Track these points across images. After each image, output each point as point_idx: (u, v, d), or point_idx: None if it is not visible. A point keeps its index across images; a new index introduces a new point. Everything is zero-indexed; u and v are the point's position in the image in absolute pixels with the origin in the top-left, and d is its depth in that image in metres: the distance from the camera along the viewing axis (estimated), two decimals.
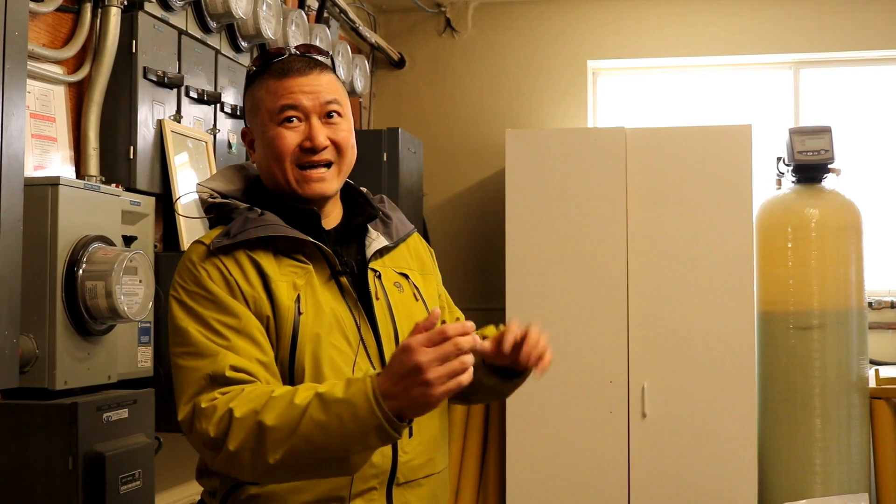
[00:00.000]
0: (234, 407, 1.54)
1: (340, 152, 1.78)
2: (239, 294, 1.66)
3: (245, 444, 1.53)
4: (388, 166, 4.35)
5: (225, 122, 3.47)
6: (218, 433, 1.54)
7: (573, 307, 4.41)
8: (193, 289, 1.67)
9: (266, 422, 1.51)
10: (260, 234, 1.69)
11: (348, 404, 1.48)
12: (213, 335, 1.62)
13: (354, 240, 1.82)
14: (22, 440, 2.26)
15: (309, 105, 1.75)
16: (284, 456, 1.51)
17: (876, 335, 4.79)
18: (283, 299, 1.66)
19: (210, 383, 1.59)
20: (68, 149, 2.80)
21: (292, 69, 1.76)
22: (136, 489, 2.40)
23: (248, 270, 1.68)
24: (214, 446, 1.55)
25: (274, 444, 1.51)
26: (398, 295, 1.80)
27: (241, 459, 1.54)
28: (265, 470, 1.54)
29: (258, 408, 1.53)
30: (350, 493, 1.66)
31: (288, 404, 1.52)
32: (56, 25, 2.78)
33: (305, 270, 1.71)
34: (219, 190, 1.81)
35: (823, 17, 5.02)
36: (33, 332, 2.29)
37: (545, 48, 5.28)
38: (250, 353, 1.62)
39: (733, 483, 4.28)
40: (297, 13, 3.88)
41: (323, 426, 1.49)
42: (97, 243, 2.40)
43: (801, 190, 4.51)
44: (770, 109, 5.18)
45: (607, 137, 4.50)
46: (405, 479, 1.72)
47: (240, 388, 1.57)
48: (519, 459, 4.43)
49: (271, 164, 1.76)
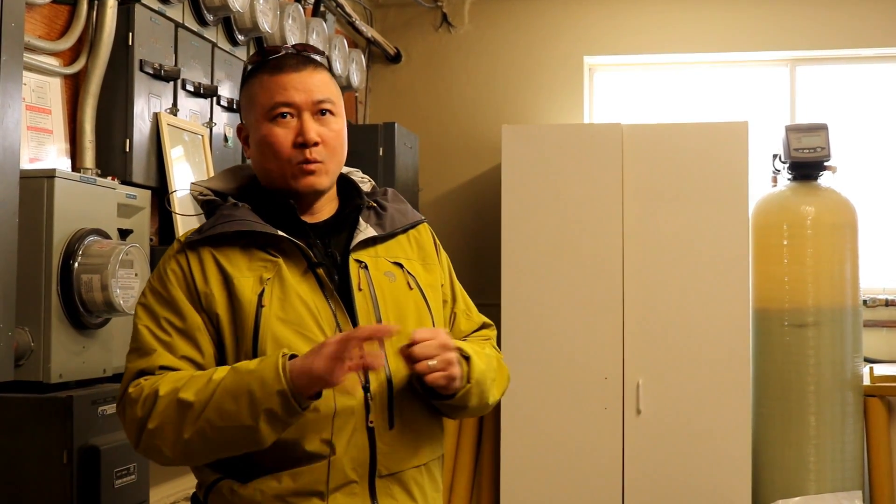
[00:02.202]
0: (158, 387, 1.64)
1: (330, 150, 1.78)
2: (193, 292, 1.73)
3: (165, 420, 1.62)
4: (384, 161, 4.35)
5: (221, 115, 3.47)
6: (144, 413, 1.63)
7: (568, 303, 4.41)
8: (157, 287, 1.76)
9: (185, 397, 1.61)
10: (225, 230, 1.74)
11: (258, 374, 1.58)
12: (159, 332, 1.71)
13: (346, 231, 1.83)
14: (16, 433, 2.25)
15: (301, 101, 1.76)
16: (198, 429, 1.60)
17: (870, 333, 4.79)
18: (246, 293, 1.70)
19: (137, 377, 1.69)
20: (64, 141, 2.79)
21: (287, 65, 1.78)
22: (131, 483, 2.40)
23: (208, 267, 1.73)
24: (140, 427, 1.64)
25: (191, 418, 1.60)
26: (388, 284, 1.80)
27: (162, 435, 1.62)
28: (182, 447, 1.62)
29: (179, 386, 1.63)
30: (328, 488, 1.66)
31: (206, 381, 1.62)
32: (52, 17, 2.77)
33: (275, 264, 1.73)
34: (212, 188, 1.84)
35: (820, 14, 5.03)
36: (28, 325, 2.29)
37: (542, 44, 5.27)
38: (188, 353, 1.70)
39: (727, 480, 4.28)
40: (294, 7, 3.87)
41: (233, 394, 1.58)
42: (93, 236, 2.40)
43: (796, 187, 4.52)
44: (766, 106, 5.19)
45: (603, 133, 4.50)
46: (388, 471, 1.71)
47: (163, 374, 1.67)
48: (513, 455, 4.43)
49: (264, 159, 1.78)
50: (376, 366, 1.59)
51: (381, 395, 1.72)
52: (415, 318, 1.80)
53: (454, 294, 1.97)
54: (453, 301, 1.96)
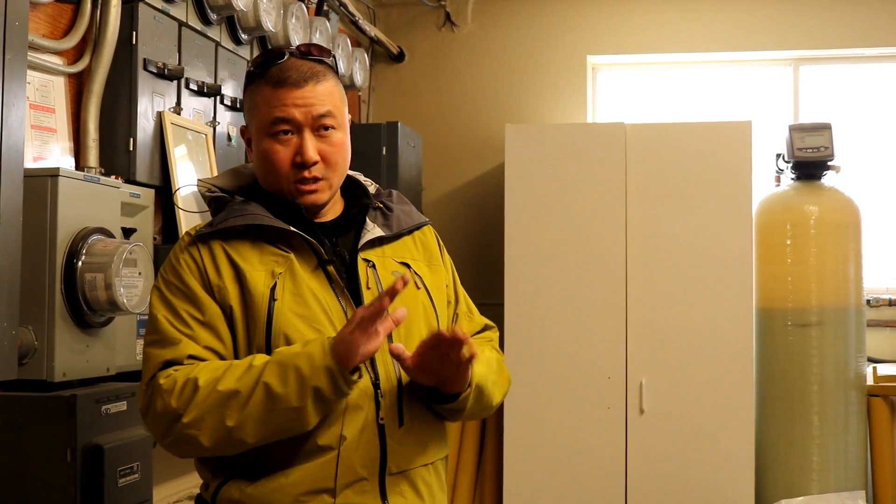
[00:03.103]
0: (197, 376, 1.63)
1: (331, 167, 1.78)
2: (207, 284, 1.72)
3: (206, 410, 1.61)
4: (387, 160, 4.35)
5: (224, 114, 3.47)
6: (180, 404, 1.62)
7: (572, 302, 4.41)
8: (171, 279, 1.75)
9: (228, 387, 1.61)
10: (239, 223, 1.74)
11: (305, 354, 1.60)
12: (179, 324, 1.70)
13: (353, 231, 1.84)
14: (20, 432, 2.26)
15: (301, 119, 1.75)
16: (245, 415, 1.60)
17: (874, 333, 4.79)
18: (258, 287, 1.71)
19: (165, 367, 1.68)
20: (68, 140, 2.79)
21: (288, 80, 1.75)
22: (135, 482, 2.40)
23: (220, 261, 1.74)
24: (175, 418, 1.62)
25: (236, 406, 1.60)
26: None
27: (201, 426, 1.61)
28: (225, 435, 1.61)
29: (218, 376, 1.62)
30: (337, 484, 1.66)
31: (247, 367, 1.63)
32: (56, 16, 2.77)
33: (286, 259, 1.74)
34: (218, 185, 1.85)
35: (824, 13, 5.02)
36: (32, 324, 2.29)
37: (545, 43, 5.27)
38: (210, 344, 1.70)
39: (731, 479, 4.28)
40: (298, 6, 3.87)
41: (281, 376, 1.59)
42: (97, 235, 2.40)
43: (800, 187, 4.51)
44: (770, 106, 5.18)
45: (607, 133, 4.49)
46: (398, 468, 1.72)
47: (195, 365, 1.66)
48: (516, 454, 4.43)
49: (265, 171, 1.80)
50: (401, 317, 1.62)
51: (391, 393, 1.72)
52: (422, 318, 1.81)
53: (457, 295, 1.97)
54: (456, 302, 1.96)
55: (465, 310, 1.98)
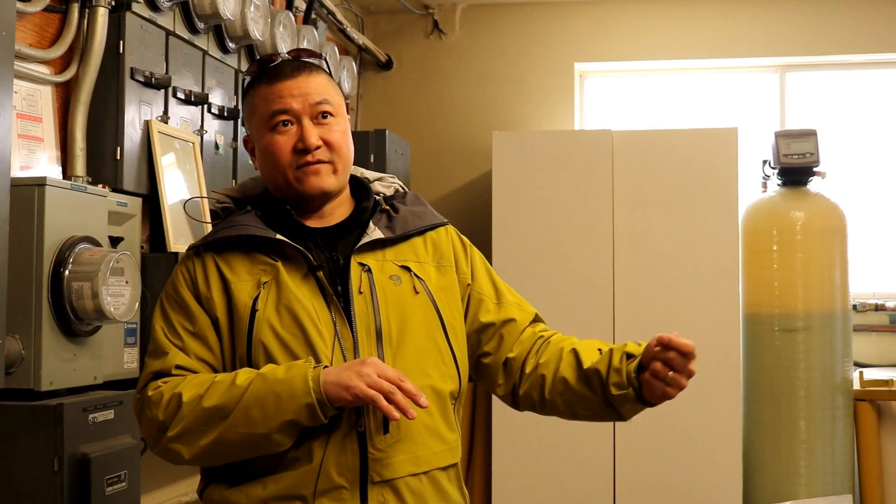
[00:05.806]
0: (181, 391, 1.67)
1: (335, 151, 1.81)
2: (198, 295, 1.77)
3: (188, 426, 1.65)
4: (375, 168, 4.35)
5: (212, 123, 3.47)
6: (166, 417, 1.67)
7: (559, 309, 4.41)
8: (170, 291, 1.81)
9: (210, 404, 1.64)
10: (227, 234, 1.78)
11: (287, 384, 1.62)
12: (171, 335, 1.75)
13: (356, 234, 1.84)
14: (7, 441, 2.25)
15: (299, 107, 1.78)
16: (219, 435, 1.64)
17: (860, 338, 4.81)
18: (241, 298, 1.74)
19: (155, 378, 1.73)
20: (55, 149, 2.79)
21: (282, 73, 1.81)
22: (122, 490, 2.40)
23: (210, 272, 1.78)
24: (162, 429, 1.67)
25: (214, 425, 1.64)
26: (392, 288, 1.79)
27: (185, 440, 1.66)
28: (201, 451, 1.66)
29: (201, 392, 1.66)
30: (315, 491, 1.66)
31: (229, 385, 1.65)
32: (43, 25, 2.77)
33: (273, 268, 1.76)
34: (230, 195, 1.89)
35: (809, 20, 5.05)
36: (19, 333, 2.29)
37: (532, 50, 5.29)
38: (200, 354, 1.74)
39: (718, 484, 4.30)
40: (285, 14, 3.88)
41: (261, 402, 1.62)
42: (84, 244, 2.40)
43: (786, 193, 4.54)
44: (756, 113, 5.21)
45: (594, 140, 4.51)
46: (381, 477, 1.69)
47: (182, 377, 1.71)
48: (504, 460, 4.44)
49: (269, 168, 1.81)
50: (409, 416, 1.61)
51: None
52: (420, 324, 1.79)
53: (497, 288, 1.97)
54: (497, 294, 1.96)
55: (512, 300, 1.98)
